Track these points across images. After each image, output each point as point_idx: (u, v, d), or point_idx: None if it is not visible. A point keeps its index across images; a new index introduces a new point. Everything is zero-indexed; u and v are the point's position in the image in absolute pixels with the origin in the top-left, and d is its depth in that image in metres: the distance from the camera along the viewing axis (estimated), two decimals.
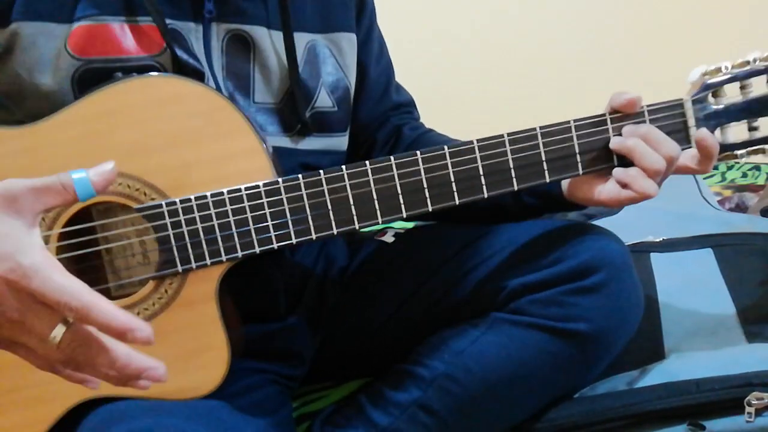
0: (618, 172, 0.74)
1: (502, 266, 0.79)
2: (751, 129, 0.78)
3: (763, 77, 0.78)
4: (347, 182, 0.72)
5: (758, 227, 1.13)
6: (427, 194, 0.73)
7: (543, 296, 0.76)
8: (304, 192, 0.71)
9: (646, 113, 0.75)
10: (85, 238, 0.71)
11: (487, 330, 0.78)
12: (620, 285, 0.76)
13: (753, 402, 0.73)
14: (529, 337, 0.76)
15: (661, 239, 1.11)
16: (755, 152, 0.79)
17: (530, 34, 1.85)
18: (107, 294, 0.72)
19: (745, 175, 1.68)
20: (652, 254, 1.07)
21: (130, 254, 0.74)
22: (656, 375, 0.81)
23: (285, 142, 0.81)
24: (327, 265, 0.89)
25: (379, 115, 0.93)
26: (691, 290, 0.97)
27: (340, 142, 0.86)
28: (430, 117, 1.01)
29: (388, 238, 0.91)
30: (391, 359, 0.84)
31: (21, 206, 0.51)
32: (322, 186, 0.72)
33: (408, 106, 0.98)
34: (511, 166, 0.73)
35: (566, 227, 0.80)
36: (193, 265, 0.71)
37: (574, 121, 0.74)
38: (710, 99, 0.77)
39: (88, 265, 0.72)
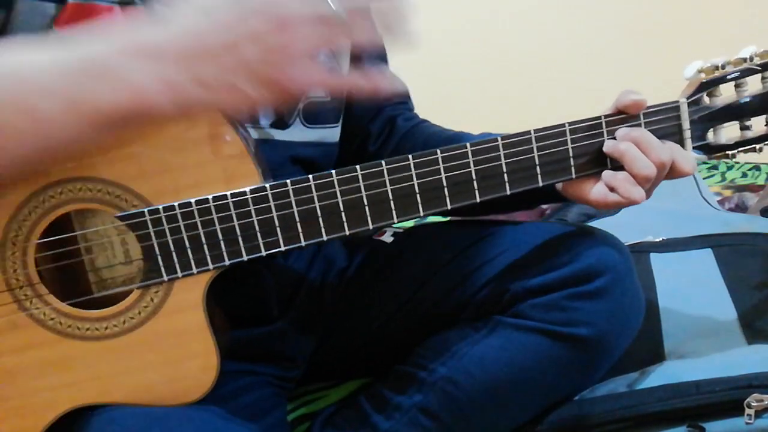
0: (607, 175, 0.73)
1: (504, 269, 0.78)
2: (743, 128, 0.77)
3: (758, 75, 0.77)
4: (337, 188, 0.70)
5: (758, 227, 1.12)
6: (418, 199, 0.71)
7: (545, 300, 0.75)
8: (292, 198, 0.69)
9: (641, 116, 0.73)
10: (66, 249, 0.68)
11: (489, 333, 0.77)
12: (622, 290, 0.76)
13: (753, 404, 0.73)
14: (530, 341, 0.75)
15: (661, 239, 1.10)
16: (747, 151, 0.78)
17: (527, 33, 1.80)
18: (93, 302, 0.70)
19: (745, 175, 1.66)
20: (651, 254, 1.06)
21: (113, 263, 0.72)
22: (656, 377, 0.80)
23: (277, 134, 0.78)
24: (325, 267, 0.87)
25: (373, 107, 0.91)
26: (691, 291, 0.96)
27: (332, 133, 0.83)
28: (427, 115, 0.98)
29: (387, 238, 0.90)
30: (391, 360, 0.83)
31: None
32: (311, 192, 0.70)
33: (402, 97, 0.94)
34: (504, 170, 0.72)
35: (569, 231, 0.79)
36: (179, 274, 0.69)
37: (569, 124, 0.72)
38: (705, 99, 0.75)
39: (70, 275, 0.70)
